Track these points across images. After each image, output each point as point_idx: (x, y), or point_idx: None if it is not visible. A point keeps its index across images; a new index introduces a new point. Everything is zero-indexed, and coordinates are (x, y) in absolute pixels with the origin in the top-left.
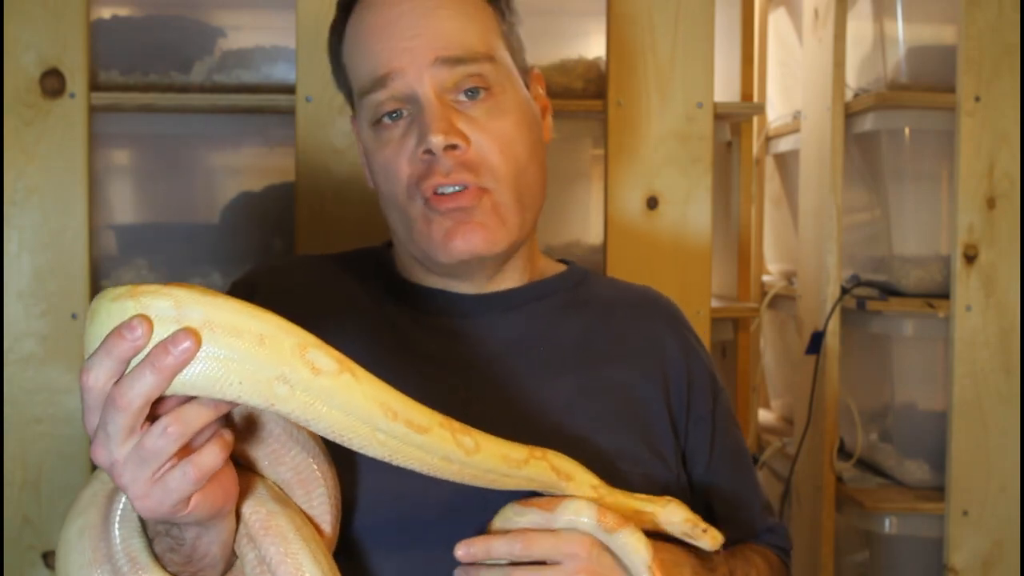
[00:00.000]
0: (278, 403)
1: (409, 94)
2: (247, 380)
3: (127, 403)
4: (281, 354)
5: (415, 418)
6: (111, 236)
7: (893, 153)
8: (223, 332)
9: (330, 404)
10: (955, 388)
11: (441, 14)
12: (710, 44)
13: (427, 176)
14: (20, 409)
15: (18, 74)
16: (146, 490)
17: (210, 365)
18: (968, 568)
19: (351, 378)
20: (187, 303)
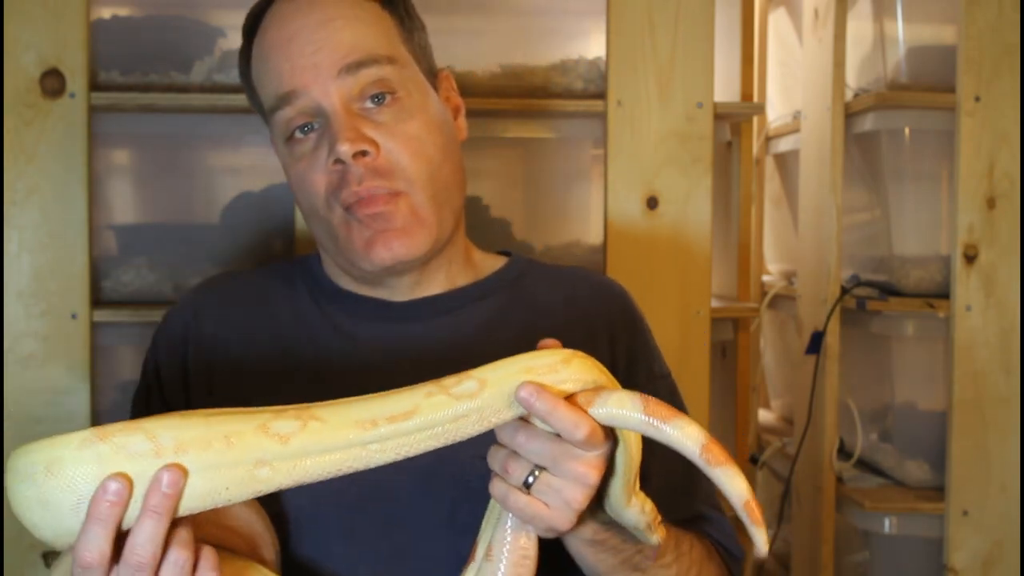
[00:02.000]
0: (265, 486)
1: (315, 108)
2: (232, 482)
3: (142, 559)
4: (249, 443)
5: (395, 409)
6: (111, 236)
7: (893, 153)
8: (197, 449)
9: (312, 455)
10: (955, 388)
11: (337, 24)
12: (710, 44)
13: (341, 186)
14: (20, 409)
15: (18, 74)
16: None
17: (197, 483)
18: (968, 568)
19: (318, 424)
20: (158, 432)
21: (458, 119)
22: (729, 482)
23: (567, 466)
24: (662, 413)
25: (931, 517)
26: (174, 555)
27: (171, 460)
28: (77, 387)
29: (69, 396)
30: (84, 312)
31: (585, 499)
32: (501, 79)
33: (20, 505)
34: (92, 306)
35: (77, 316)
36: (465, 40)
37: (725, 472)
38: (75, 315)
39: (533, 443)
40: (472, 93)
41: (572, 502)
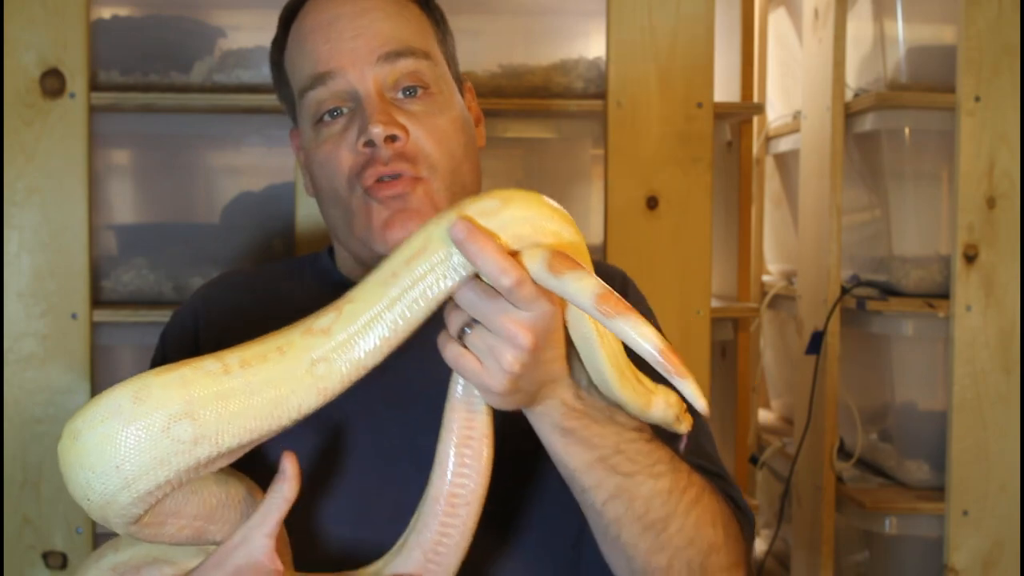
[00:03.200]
0: (327, 383)
1: (350, 92)
2: (297, 388)
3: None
4: (299, 346)
5: (406, 254)
6: (111, 236)
7: (893, 153)
8: (258, 363)
9: (359, 334)
10: (955, 388)
11: (378, 15)
12: (710, 44)
13: (367, 166)
14: (20, 409)
15: (18, 74)
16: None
17: (266, 394)
18: (968, 568)
19: (350, 306)
20: (224, 353)
21: (478, 127)
22: (634, 332)
23: (497, 322)
24: (562, 266)
25: (931, 517)
26: None
27: (238, 375)
28: (77, 387)
29: (69, 396)
30: (84, 312)
31: (517, 362)
32: (501, 79)
33: (97, 447)
34: (92, 306)
35: (77, 316)
36: (465, 40)
37: (626, 322)
38: (75, 315)
39: (466, 292)
40: None
41: (503, 363)
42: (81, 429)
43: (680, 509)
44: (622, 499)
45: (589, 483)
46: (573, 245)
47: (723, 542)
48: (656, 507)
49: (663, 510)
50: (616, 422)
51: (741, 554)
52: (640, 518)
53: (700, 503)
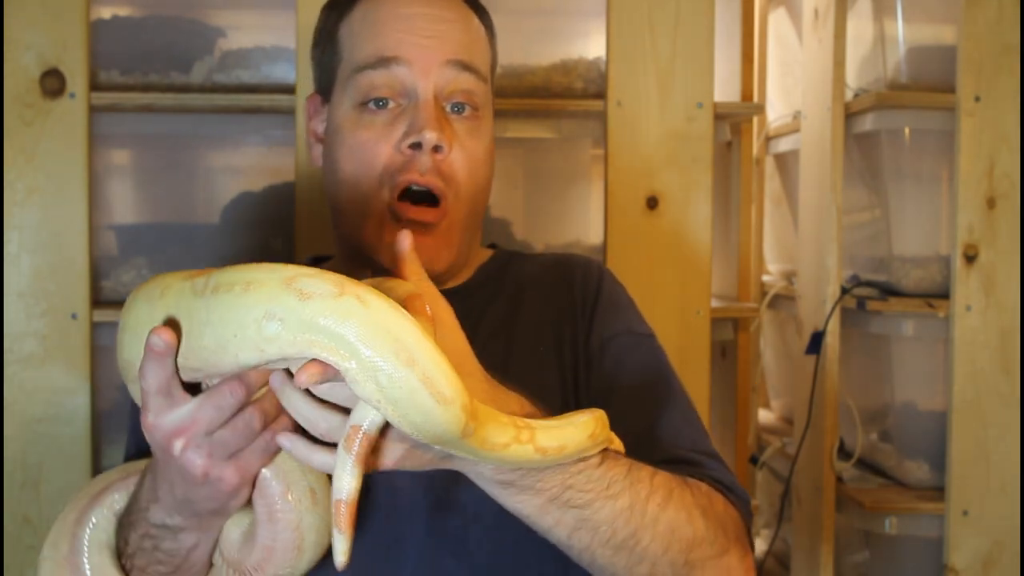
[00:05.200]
0: (268, 345)
1: (408, 86)
2: (239, 332)
3: (149, 387)
4: (266, 290)
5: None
6: (111, 236)
7: (893, 153)
8: (223, 290)
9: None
10: (955, 388)
11: (457, 26)
12: (710, 44)
13: (404, 170)
14: (20, 409)
15: (18, 74)
16: (225, 468)
17: (218, 323)
18: (968, 568)
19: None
20: (213, 275)
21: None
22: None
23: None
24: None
25: (931, 517)
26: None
27: (207, 297)
28: (77, 387)
29: (69, 396)
30: (84, 312)
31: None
32: (501, 79)
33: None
34: (92, 306)
35: (77, 316)
36: None
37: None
38: (75, 315)
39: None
40: None
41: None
42: (132, 301)
43: (647, 520)
44: (585, 529)
45: (548, 524)
46: None
47: (704, 533)
48: (620, 526)
49: (629, 527)
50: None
51: (736, 535)
52: (608, 541)
53: (669, 505)
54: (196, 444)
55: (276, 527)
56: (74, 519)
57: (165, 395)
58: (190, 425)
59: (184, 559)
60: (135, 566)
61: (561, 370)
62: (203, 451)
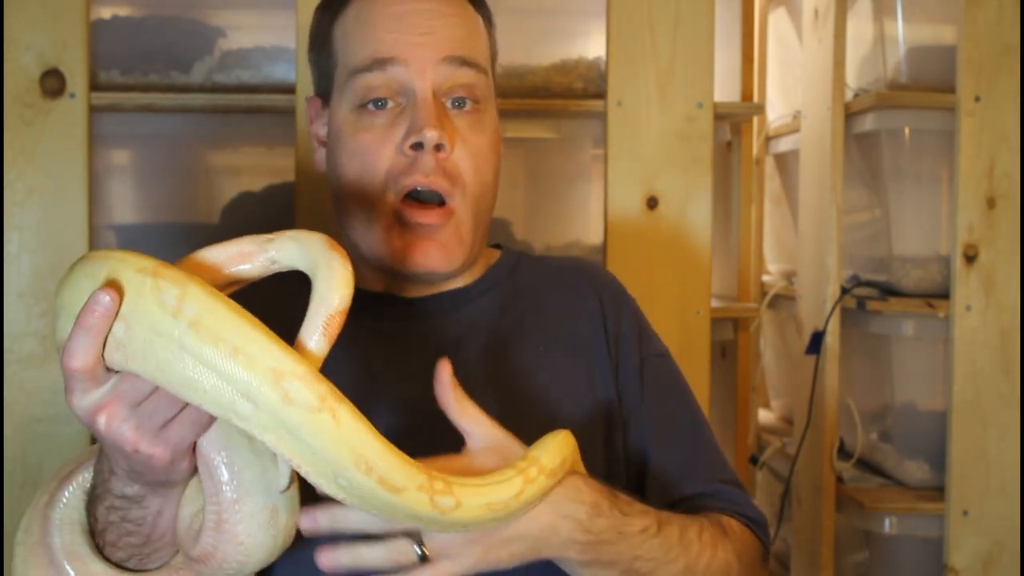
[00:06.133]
0: (237, 421)
1: (406, 86)
2: (211, 391)
3: (72, 366)
4: (250, 370)
5: (392, 477)
6: (111, 236)
7: (893, 153)
8: (205, 336)
9: (296, 436)
10: (955, 388)
11: (452, 20)
12: (710, 44)
13: (408, 172)
14: (20, 409)
15: (18, 74)
16: (155, 443)
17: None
18: (968, 568)
19: (329, 419)
20: (191, 298)
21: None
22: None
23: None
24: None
25: (931, 517)
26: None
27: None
28: None
29: None
30: None
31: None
32: (501, 79)
33: (69, 287)
34: None
35: None
36: None
37: None
38: None
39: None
40: None
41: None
42: (73, 270)
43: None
44: None
45: None
46: None
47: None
48: None
49: None
50: (624, 534)
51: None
52: None
53: (715, 560)
54: (121, 418)
55: (221, 536)
56: (45, 502)
57: (91, 377)
58: (112, 399)
59: (152, 527)
60: (107, 542)
61: (589, 373)
62: (130, 424)
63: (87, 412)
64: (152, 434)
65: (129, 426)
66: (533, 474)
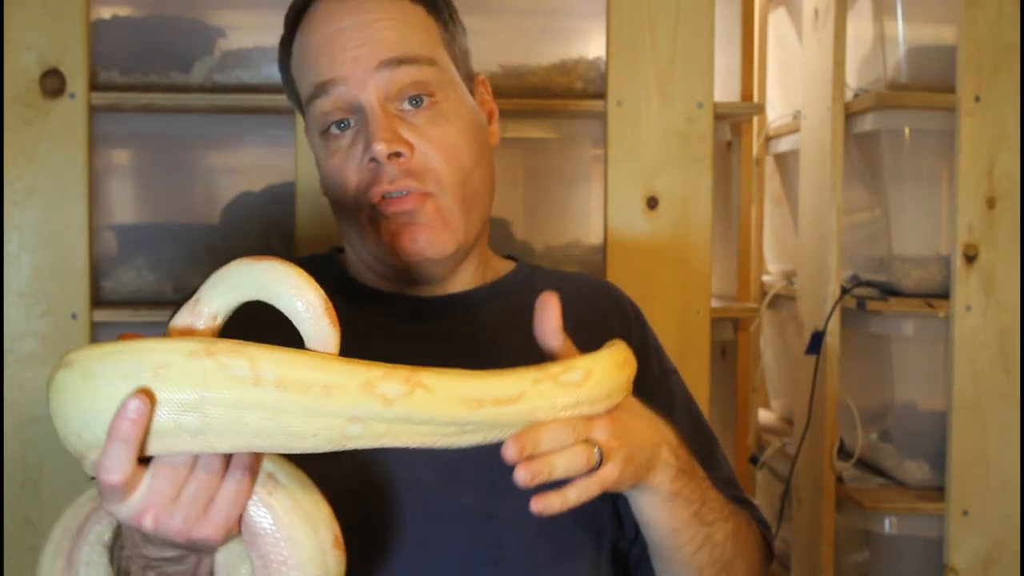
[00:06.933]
0: (352, 443)
1: (353, 102)
2: (322, 431)
3: (109, 481)
4: (349, 399)
5: (502, 393)
6: (111, 236)
7: (893, 153)
8: (295, 391)
9: (410, 423)
10: (955, 388)
11: (382, 25)
12: (710, 44)
13: (373, 184)
14: (20, 409)
15: (18, 74)
16: (204, 527)
17: (290, 421)
18: (968, 568)
19: (424, 393)
20: (261, 362)
21: (492, 124)
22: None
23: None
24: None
25: (931, 517)
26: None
27: (270, 392)
28: None
29: None
30: (84, 312)
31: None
32: (501, 79)
33: (108, 398)
34: (92, 306)
35: (77, 316)
36: None
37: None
38: (75, 315)
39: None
40: None
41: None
42: (96, 373)
43: (740, 548)
44: (707, 547)
45: (685, 539)
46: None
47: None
48: (728, 549)
49: (732, 550)
50: (697, 475)
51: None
52: (718, 560)
53: (750, 540)
54: (168, 515)
55: None
56: (63, 565)
57: (129, 487)
58: (153, 500)
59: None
60: None
61: None
62: (177, 518)
63: (130, 518)
64: (198, 518)
65: (177, 520)
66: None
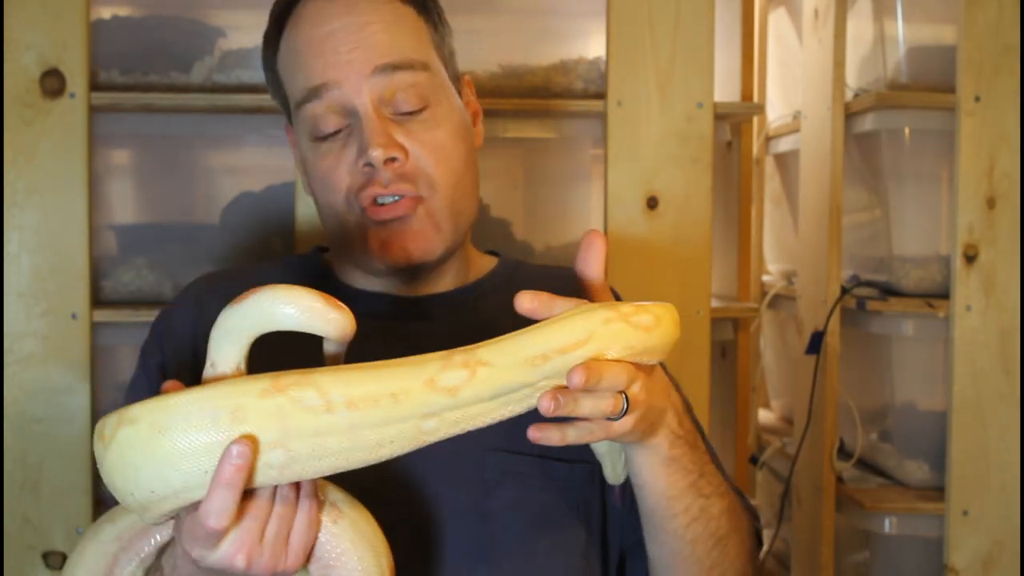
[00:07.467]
0: (431, 436)
1: (347, 106)
2: (398, 436)
3: (214, 527)
4: (417, 400)
5: (566, 340)
6: (111, 236)
7: (893, 153)
8: (365, 406)
9: (482, 402)
10: (955, 388)
11: (375, 28)
12: (710, 44)
13: (367, 186)
14: (20, 409)
15: (18, 74)
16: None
17: (367, 435)
18: (968, 568)
19: (486, 370)
20: (328, 388)
21: (476, 124)
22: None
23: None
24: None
25: (931, 517)
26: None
27: (343, 414)
28: (77, 387)
29: (69, 396)
30: (84, 312)
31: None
32: (501, 79)
33: (188, 450)
34: (92, 306)
35: (77, 316)
36: (465, 40)
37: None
38: (75, 315)
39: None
40: None
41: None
42: (171, 426)
43: (735, 526)
44: (702, 519)
45: (680, 508)
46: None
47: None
48: (723, 525)
49: (727, 527)
50: (698, 447)
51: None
52: (713, 535)
53: (744, 521)
54: (258, 553)
55: None
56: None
57: (226, 531)
58: (245, 540)
59: None
60: None
61: None
62: (266, 555)
63: (222, 560)
64: (283, 551)
65: (266, 556)
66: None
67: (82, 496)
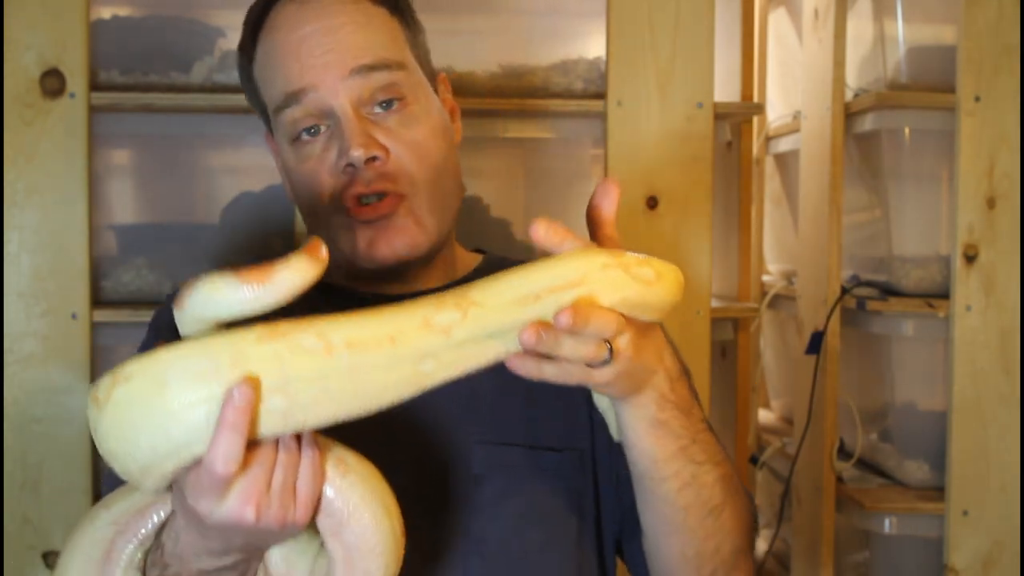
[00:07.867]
0: (431, 380)
1: (325, 109)
2: (400, 379)
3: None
4: (413, 340)
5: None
6: (111, 236)
7: (893, 153)
8: (365, 347)
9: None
10: (955, 388)
11: (348, 29)
12: (710, 44)
13: (349, 186)
14: (20, 409)
15: (18, 74)
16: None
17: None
18: (968, 568)
19: (477, 310)
20: (327, 331)
21: (455, 122)
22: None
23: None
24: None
25: (931, 517)
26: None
27: (343, 356)
28: (77, 387)
29: (69, 396)
30: (84, 312)
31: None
32: (501, 79)
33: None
34: (92, 306)
35: (77, 316)
36: (465, 40)
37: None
38: (75, 315)
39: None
40: (472, 93)
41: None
42: (170, 378)
43: (730, 496)
44: (694, 487)
45: (669, 472)
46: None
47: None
48: (717, 493)
49: (722, 496)
50: (692, 414)
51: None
52: (706, 503)
53: (739, 491)
54: (266, 504)
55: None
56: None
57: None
58: (253, 490)
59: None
60: None
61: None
62: (275, 505)
63: (231, 513)
64: (291, 501)
65: (275, 507)
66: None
67: (82, 496)
